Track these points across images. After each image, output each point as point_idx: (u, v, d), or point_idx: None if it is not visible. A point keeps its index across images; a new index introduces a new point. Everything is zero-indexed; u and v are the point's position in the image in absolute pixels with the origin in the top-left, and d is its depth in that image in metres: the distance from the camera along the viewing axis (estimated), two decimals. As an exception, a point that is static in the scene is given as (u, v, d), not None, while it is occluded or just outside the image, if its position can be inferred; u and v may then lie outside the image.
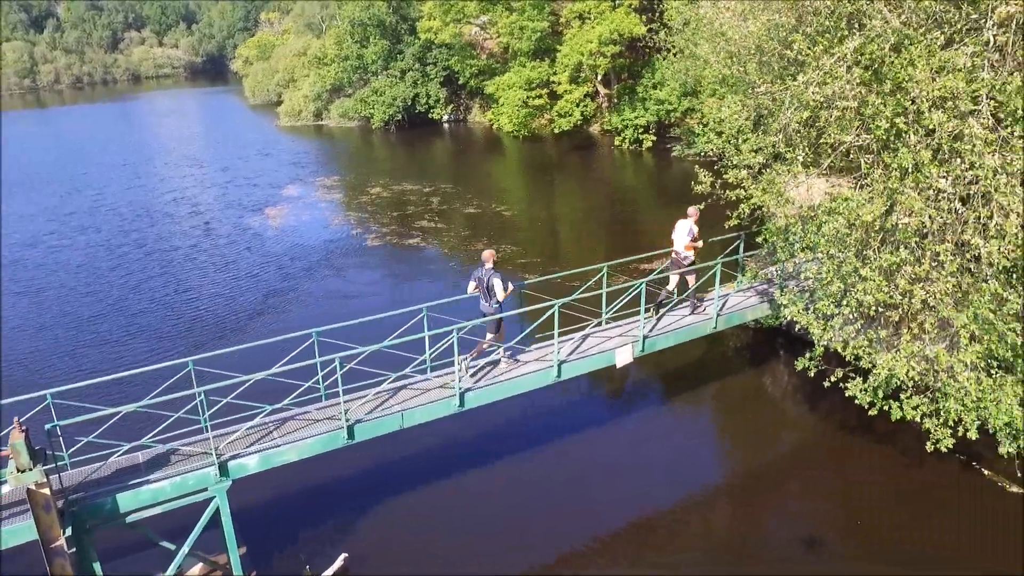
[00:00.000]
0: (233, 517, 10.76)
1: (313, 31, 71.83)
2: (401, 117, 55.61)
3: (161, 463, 10.46)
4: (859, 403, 11.72)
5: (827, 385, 12.30)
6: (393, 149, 51.62)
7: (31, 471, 8.68)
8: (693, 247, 14.60)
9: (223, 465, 10.49)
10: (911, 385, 11.21)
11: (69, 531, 9.31)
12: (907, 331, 11.12)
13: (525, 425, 15.49)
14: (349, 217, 33.13)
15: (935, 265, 10.44)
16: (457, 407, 12.04)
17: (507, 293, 12.55)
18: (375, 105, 55.78)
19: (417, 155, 49.23)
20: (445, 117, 57.57)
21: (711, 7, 19.57)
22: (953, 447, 11.04)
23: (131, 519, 10.11)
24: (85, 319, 22.27)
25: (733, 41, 14.49)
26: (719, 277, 14.30)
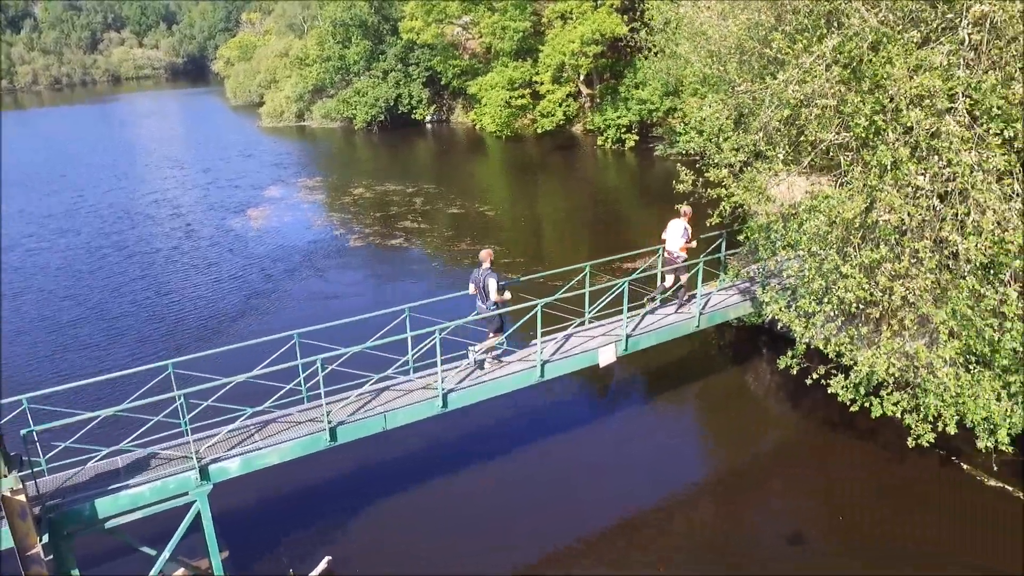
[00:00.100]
0: (215, 521, 10.65)
1: (295, 32, 71.53)
2: (384, 118, 55.50)
3: (141, 467, 10.34)
4: (841, 400, 11.81)
5: (809, 383, 12.38)
6: (376, 150, 51.46)
7: (6, 477, 8.55)
8: (687, 248, 14.62)
9: (204, 469, 10.38)
10: (892, 381, 11.30)
11: (46, 538, 9.20)
12: (887, 328, 11.19)
13: (509, 425, 15.46)
14: (331, 218, 32.97)
15: (914, 262, 10.52)
16: (440, 408, 11.99)
17: (500, 296, 12.50)
18: (357, 106, 55.63)
19: (400, 156, 49.10)
20: (428, 117, 57.45)
21: (691, 7, 19.65)
22: (933, 442, 11.14)
23: (110, 525, 9.96)
24: (64, 323, 22.01)
25: (713, 40, 14.56)
26: (701, 275, 14.35)
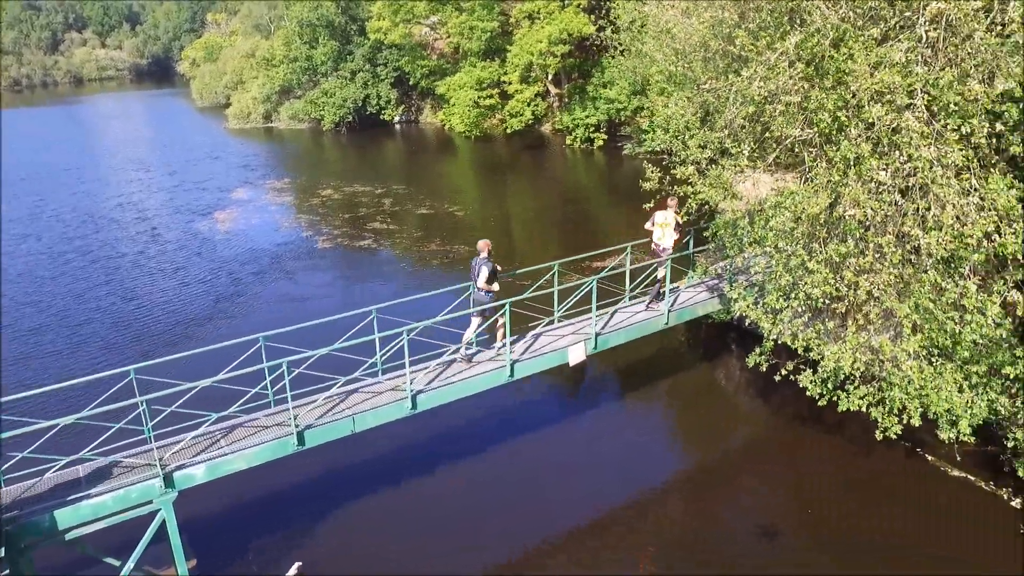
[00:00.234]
0: (181, 529, 10.48)
1: (261, 32, 70.71)
2: (352, 118, 55.09)
3: (102, 476, 10.13)
4: (810, 394, 11.89)
5: (778, 379, 12.45)
6: (344, 151, 51.08)
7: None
8: (677, 239, 14.68)
9: (168, 476, 10.20)
10: (858, 375, 11.41)
11: (2, 551, 8.97)
12: (853, 322, 11.29)
13: (478, 426, 15.39)
14: (300, 220, 32.65)
15: (878, 256, 10.63)
16: (409, 409, 11.89)
17: (487, 285, 12.69)
18: (325, 107, 55.17)
19: (369, 156, 48.79)
20: (396, 118, 57.13)
21: (656, 5, 19.72)
22: (899, 434, 11.25)
23: (71, 536, 9.74)
24: (25, 330, 21.50)
25: (678, 38, 14.62)
26: (669, 273, 14.39)
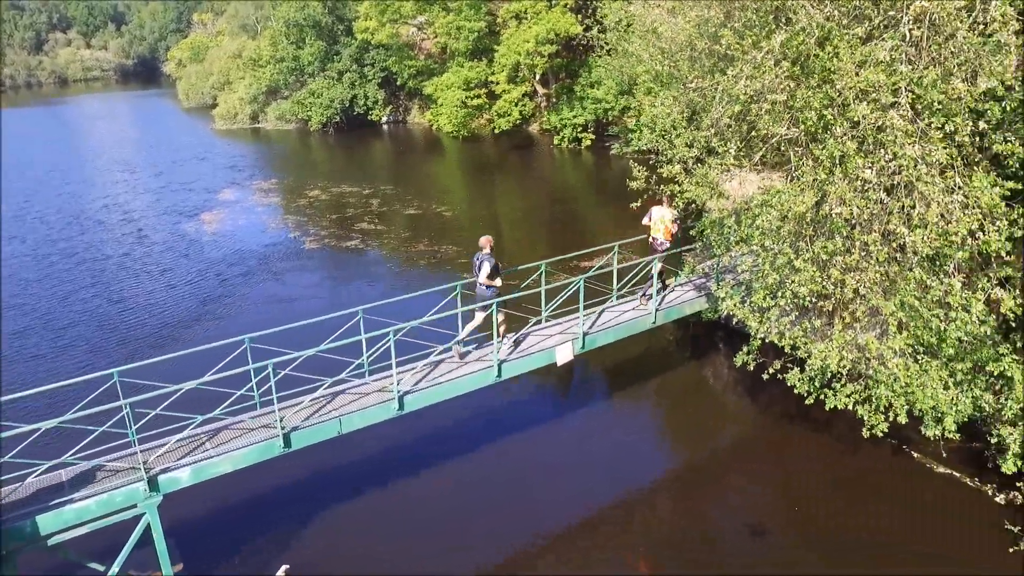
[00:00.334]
0: (167, 533, 10.40)
1: (248, 32, 70.34)
2: (339, 119, 54.83)
3: (86, 480, 10.02)
4: (798, 392, 11.92)
5: (766, 377, 12.47)
6: (332, 151, 50.90)
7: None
8: (674, 234, 14.75)
9: (153, 479, 10.11)
10: (844, 374, 11.44)
11: (-15, 557, 8.88)
12: (839, 320, 11.32)
13: (466, 426, 15.35)
14: (287, 220, 32.52)
15: (864, 255, 10.65)
16: (396, 410, 11.84)
17: (489, 280, 12.74)
18: (312, 107, 54.89)
19: (356, 157, 48.64)
20: (384, 118, 56.93)
21: (642, 5, 19.74)
22: (886, 432, 11.30)
23: (54, 541, 9.62)
24: (9, 334, 21.27)
25: (664, 38, 14.62)
26: (656, 272, 14.39)
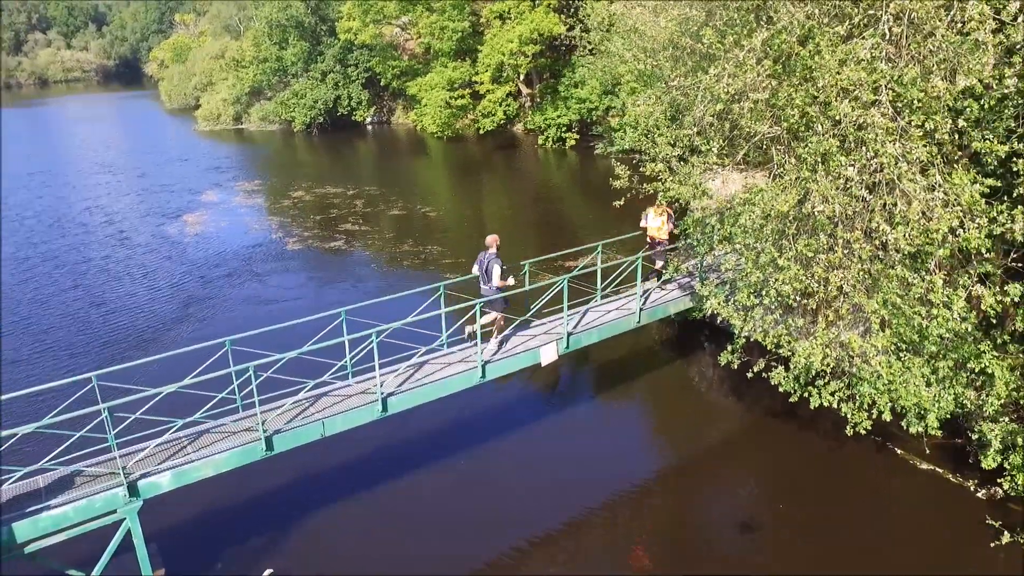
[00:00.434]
0: (148, 539, 10.30)
1: (230, 33, 70.06)
2: (323, 120, 54.66)
3: (63, 486, 9.87)
4: (783, 390, 11.94)
5: (750, 376, 12.49)
6: (316, 152, 50.67)
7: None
8: (671, 230, 14.94)
9: (132, 485, 9.96)
10: (828, 372, 11.47)
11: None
12: (823, 318, 11.35)
13: (451, 428, 15.25)
14: (271, 222, 32.31)
15: (847, 253, 10.68)
16: (380, 413, 11.75)
17: (503, 282, 12.88)
18: (296, 108, 54.67)
19: (340, 158, 48.44)
20: (368, 119, 56.78)
21: (624, 4, 19.74)
22: (870, 428, 11.34)
23: (31, 549, 9.47)
24: (-12, 338, 21.05)
25: (646, 37, 14.61)
26: (640, 271, 14.38)
